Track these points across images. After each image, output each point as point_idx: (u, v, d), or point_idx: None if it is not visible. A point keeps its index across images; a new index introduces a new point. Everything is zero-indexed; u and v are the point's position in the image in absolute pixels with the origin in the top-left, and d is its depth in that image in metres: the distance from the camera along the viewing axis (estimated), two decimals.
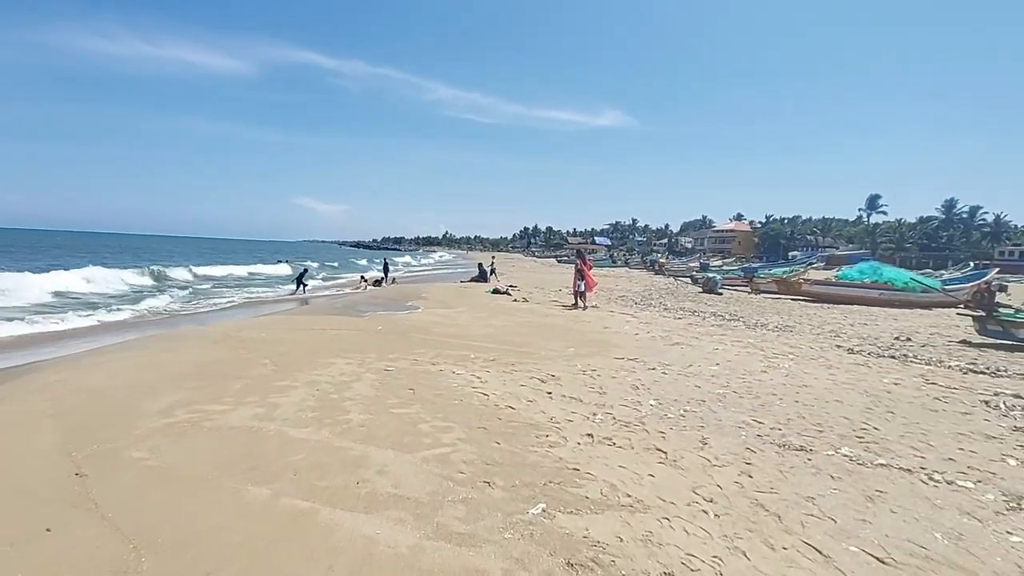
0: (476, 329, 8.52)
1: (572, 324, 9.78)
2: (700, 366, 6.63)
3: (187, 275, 22.28)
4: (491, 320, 9.66)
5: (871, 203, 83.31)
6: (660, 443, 3.90)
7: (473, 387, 5.01)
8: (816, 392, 5.66)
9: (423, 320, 9.39)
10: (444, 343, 7.17)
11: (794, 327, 11.19)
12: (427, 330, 8.19)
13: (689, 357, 7.17)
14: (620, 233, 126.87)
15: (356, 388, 4.67)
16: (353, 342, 6.99)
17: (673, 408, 4.80)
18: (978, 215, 69.84)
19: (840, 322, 12.28)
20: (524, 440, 3.75)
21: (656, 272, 38.77)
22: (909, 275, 18.77)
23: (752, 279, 22.18)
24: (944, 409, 5.26)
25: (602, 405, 4.74)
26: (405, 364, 5.76)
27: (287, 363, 5.53)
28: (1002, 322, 9.34)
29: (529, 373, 5.74)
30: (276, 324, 8.94)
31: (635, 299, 16.52)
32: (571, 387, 5.29)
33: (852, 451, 4.01)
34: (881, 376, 6.60)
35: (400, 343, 7.04)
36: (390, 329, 8.24)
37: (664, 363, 6.68)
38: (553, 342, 7.76)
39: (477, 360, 6.20)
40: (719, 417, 4.63)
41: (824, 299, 17.72)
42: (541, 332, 8.64)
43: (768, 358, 7.41)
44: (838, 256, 65.88)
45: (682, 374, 6.16)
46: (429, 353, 6.41)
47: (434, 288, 17.00)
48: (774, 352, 7.89)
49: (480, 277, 19.96)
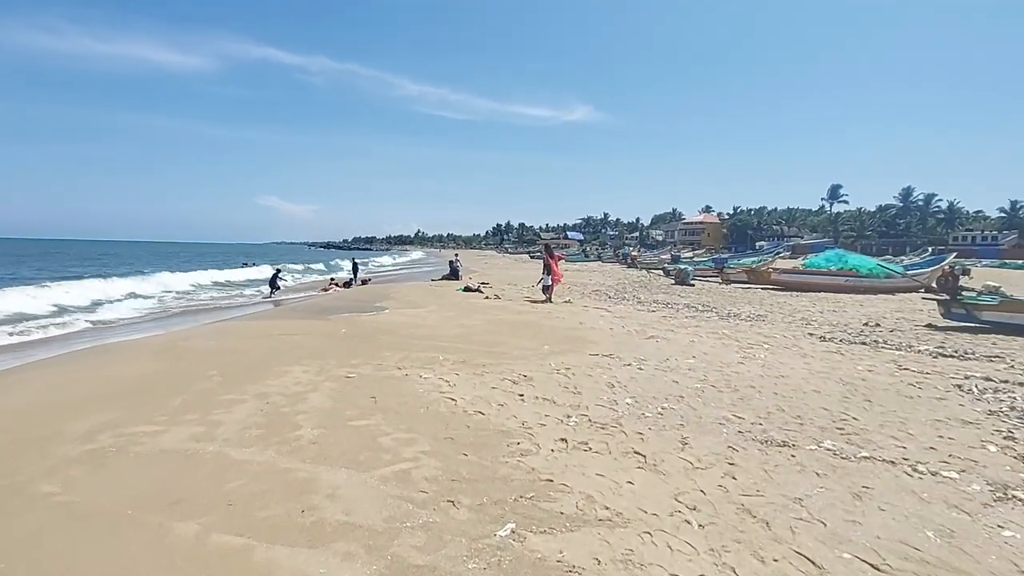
0: (446, 329, 8.18)
1: (545, 320, 9.54)
2: (677, 360, 6.47)
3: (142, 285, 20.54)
4: (462, 319, 9.32)
5: (833, 193, 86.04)
6: (639, 446, 3.68)
7: (441, 392, 4.69)
8: (793, 383, 5.56)
9: (391, 321, 8.97)
10: (412, 345, 6.81)
11: (766, 316, 11.23)
12: (394, 332, 7.79)
13: (665, 351, 7.02)
14: (592, 227, 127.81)
15: (312, 399, 4.29)
16: (314, 348, 6.56)
17: (651, 406, 4.60)
18: (933, 202, 73.01)
19: (810, 310, 12.42)
20: (494, 450, 3.46)
21: (629, 265, 39.02)
22: (873, 262, 19.27)
23: (723, 270, 22.43)
24: (919, 395, 5.22)
25: (577, 406, 4.49)
26: (368, 370, 5.38)
27: (236, 374, 5.08)
28: (965, 305, 9.55)
29: (501, 374, 5.45)
30: (231, 331, 8.39)
31: (609, 293, 16.44)
32: (544, 388, 5.03)
33: (835, 444, 3.87)
34: (855, 364, 6.57)
35: (364, 347, 6.64)
36: (355, 332, 7.81)
37: (640, 358, 6.50)
38: (526, 340, 7.50)
39: (446, 362, 5.88)
40: (699, 414, 4.45)
41: (793, 287, 18.02)
42: (514, 330, 8.36)
43: (744, 349, 7.32)
44: (803, 245, 67.87)
45: (659, 369, 5.98)
46: (395, 357, 6.05)
47: (404, 288, 16.49)
48: (749, 343, 7.82)
49: (452, 275, 19.56)
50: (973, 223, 74.72)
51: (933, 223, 72.79)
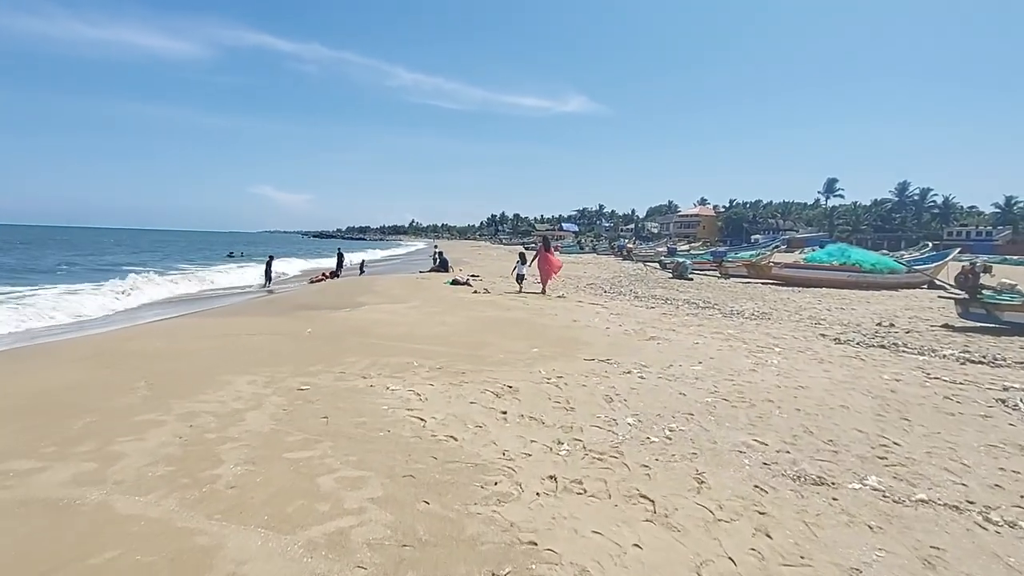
0: (425, 328, 7.42)
1: (537, 318, 8.82)
2: (681, 366, 5.78)
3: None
4: (445, 317, 8.57)
5: (829, 187, 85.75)
6: (645, 485, 2.97)
7: (408, 410, 3.95)
8: (816, 395, 4.88)
9: (365, 319, 8.18)
10: (384, 348, 6.05)
11: (771, 314, 10.59)
12: (367, 332, 7.02)
13: (668, 355, 6.32)
14: (587, 219, 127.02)
15: (249, 421, 3.54)
16: (271, 351, 5.78)
17: (656, 427, 3.89)
18: (928, 197, 72.82)
19: (816, 307, 11.79)
20: (464, 492, 2.74)
21: (624, 258, 38.38)
22: (876, 256, 18.69)
23: (721, 263, 21.80)
24: (960, 412, 4.56)
25: (569, 428, 3.78)
26: (327, 379, 4.63)
27: (168, 386, 4.29)
28: (986, 304, 8.93)
29: (482, 385, 4.72)
30: (183, 330, 7.55)
31: (604, 287, 15.74)
32: (532, 402, 4.31)
33: (881, 481, 3.19)
34: (879, 371, 5.91)
35: (329, 350, 5.88)
36: (322, 332, 7.02)
37: (640, 364, 5.79)
38: (514, 341, 6.77)
39: (420, 370, 5.13)
40: (713, 437, 3.75)
41: (794, 282, 17.43)
42: (501, 329, 7.63)
43: (753, 353, 6.64)
44: (798, 238, 67.65)
45: (662, 377, 5.28)
46: (362, 363, 5.29)
47: (388, 280, 15.63)
48: (758, 345, 7.14)
49: (440, 267, 18.78)
50: (967, 218, 74.65)
51: (928, 218, 72.67)
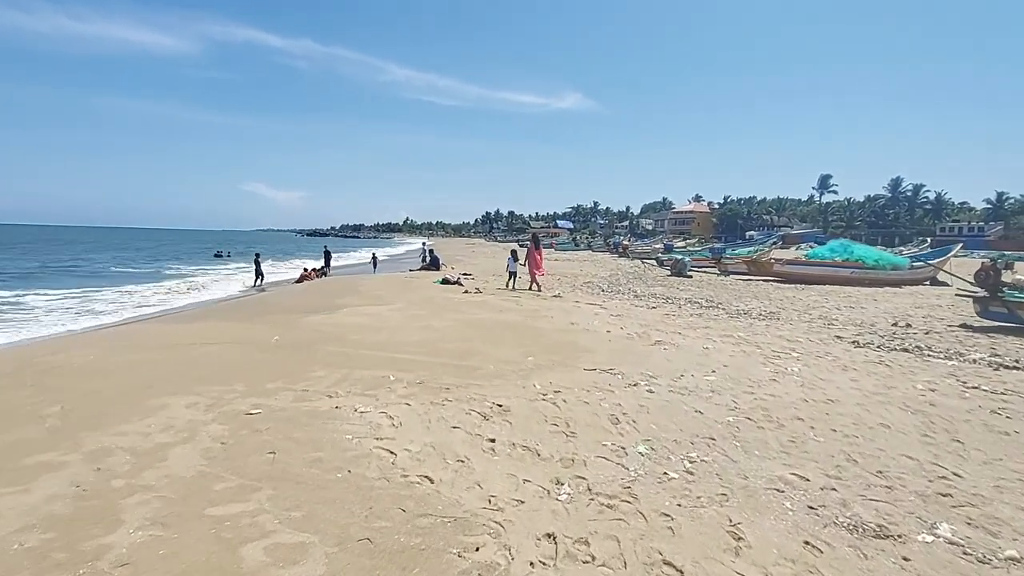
0: (408, 334, 6.74)
1: (531, 321, 8.16)
2: (693, 376, 5.16)
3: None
4: (431, 320, 7.89)
5: (823, 183, 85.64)
6: (668, 544, 2.34)
7: (378, 439, 3.30)
8: (849, 411, 4.28)
9: (343, 324, 7.45)
10: (359, 358, 5.37)
11: (779, 313, 10.01)
12: (342, 339, 6.32)
13: (677, 362, 5.70)
14: (582, 216, 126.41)
15: (173, 460, 2.86)
16: (225, 364, 5.05)
17: (674, 457, 3.27)
18: (921, 193, 72.79)
19: (824, 306, 11.23)
20: (436, 566, 2.09)
21: (620, 255, 37.83)
22: (878, 253, 18.22)
23: (720, 260, 21.26)
24: (1015, 430, 3.98)
25: (571, 461, 3.14)
26: (285, 400, 3.95)
27: (87, 412, 3.57)
28: (1008, 303, 8.39)
29: (468, 404, 4.07)
30: (128, 339, 6.73)
31: (602, 285, 15.13)
32: (526, 426, 3.67)
33: (955, 530, 2.58)
34: (910, 380, 5.32)
35: (294, 362, 5.18)
36: (291, 339, 6.30)
37: (648, 374, 5.17)
38: (506, 348, 6.12)
39: (397, 385, 4.47)
40: (743, 470, 3.13)
41: (796, 279, 16.91)
42: (492, 334, 6.97)
43: (770, 359, 6.04)
44: (793, 235, 67.36)
45: (674, 391, 4.65)
46: (330, 377, 4.61)
47: (374, 280, 14.82)
48: (773, 350, 6.54)
49: (431, 264, 18.07)
50: (959, 214, 74.74)
51: (921, 214, 72.67)
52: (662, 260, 25.24)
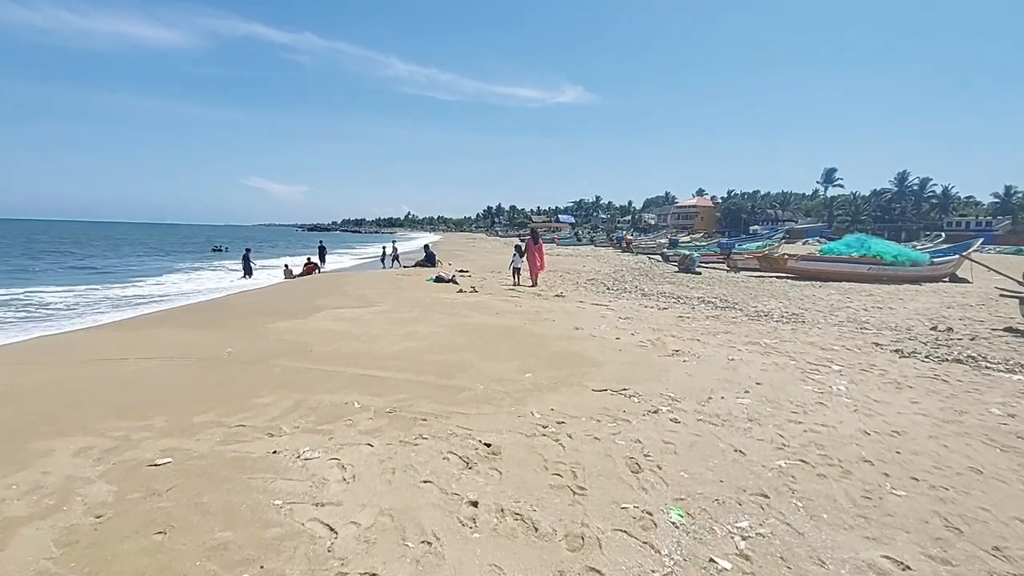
0: (389, 343, 5.86)
1: (531, 326, 7.29)
2: (724, 398, 4.29)
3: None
4: (418, 325, 7.01)
5: (827, 176, 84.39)
6: None
7: (317, 505, 2.43)
8: (922, 446, 3.43)
9: (315, 330, 6.55)
10: (322, 377, 4.50)
11: (802, 315, 9.13)
12: (309, 350, 5.43)
13: (701, 378, 4.83)
14: (584, 211, 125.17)
15: (9, 551, 2.01)
16: (153, 387, 4.11)
17: (719, 530, 2.41)
18: (928, 187, 71.52)
19: (849, 306, 10.35)
20: None
21: (624, 250, 36.98)
22: (897, 248, 17.28)
23: (729, 255, 20.36)
24: None
25: (579, 539, 2.29)
26: (209, 442, 3.09)
27: None
28: None
29: (447, 442, 3.22)
30: (49, 351, 5.72)
31: (606, 283, 14.25)
32: (519, 478, 2.81)
33: None
34: (980, 401, 4.46)
35: (242, 382, 4.29)
36: (247, 351, 5.38)
37: (669, 395, 4.31)
38: (500, 362, 5.25)
39: (362, 415, 3.60)
40: (814, 550, 2.27)
41: (810, 276, 16.04)
42: (486, 343, 6.10)
43: (808, 374, 5.17)
44: (798, 229, 66.31)
45: (703, 419, 3.79)
46: (279, 405, 3.74)
47: (361, 278, 13.85)
48: (809, 361, 5.68)
49: (427, 261, 17.18)
50: (966, 209, 73.48)
51: (927, 208, 71.44)
52: (668, 256, 24.37)
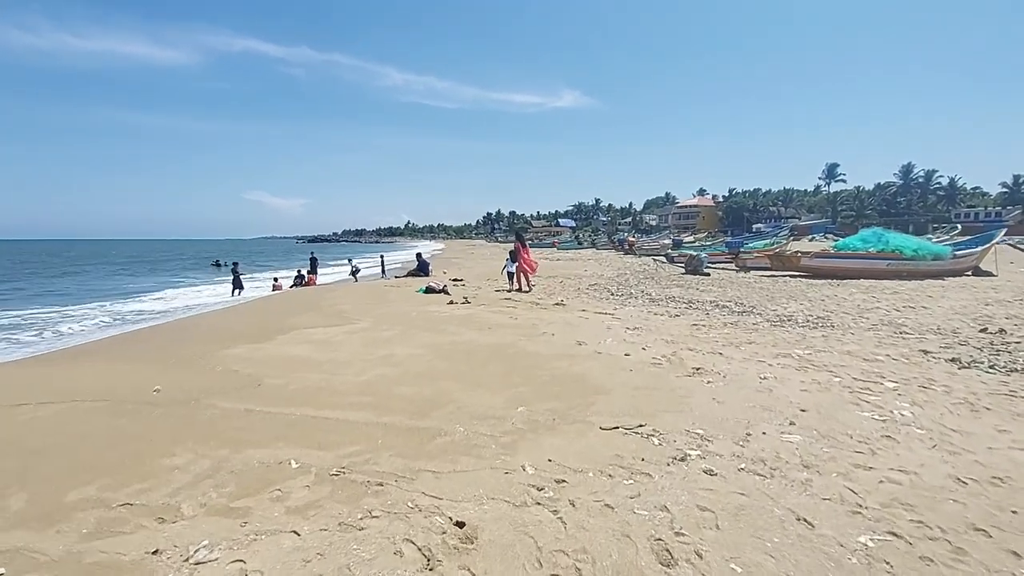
0: (357, 371, 4.98)
1: (526, 342, 6.42)
2: (767, 434, 3.42)
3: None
4: (396, 346, 6.13)
5: (830, 172, 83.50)
6: None
7: None
8: None
9: (272, 357, 5.59)
10: (262, 422, 3.62)
11: (829, 318, 8.24)
12: (254, 386, 4.47)
13: (731, 405, 3.96)
14: (584, 214, 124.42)
15: None
16: (35, 446, 3.06)
17: None
18: (934, 179, 70.48)
19: (878, 306, 9.44)
20: None
21: (626, 252, 36.06)
22: (916, 241, 16.37)
23: (738, 254, 19.47)
24: None
25: None
26: (72, 535, 2.22)
27: None
28: None
29: (404, 525, 2.35)
30: None
31: (610, 287, 13.37)
32: None
33: None
34: None
35: (156, 434, 3.36)
36: (180, 388, 4.37)
37: (697, 432, 3.43)
38: (487, 392, 4.38)
39: (297, 481, 2.74)
40: None
41: (825, 274, 15.13)
42: (472, 366, 5.23)
43: (858, 393, 4.29)
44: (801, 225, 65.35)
45: (747, 468, 2.92)
46: (192, 468, 2.88)
47: (346, 291, 12.83)
48: (853, 376, 4.80)
49: (419, 270, 16.33)
50: (973, 199, 72.33)
51: (934, 200, 70.34)
52: (672, 256, 23.49)
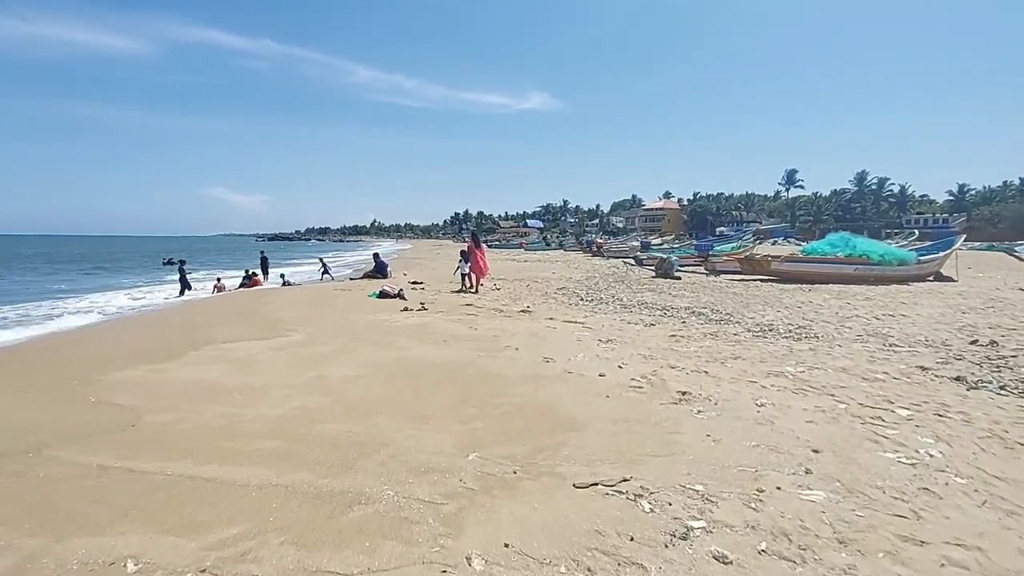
0: (273, 402, 4.00)
1: (486, 359, 5.57)
2: (781, 488, 2.69)
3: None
4: (330, 365, 5.16)
5: (789, 178, 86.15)
6: None
7: None
8: None
9: (172, 382, 4.56)
10: (113, 490, 2.62)
11: (810, 327, 7.76)
12: (127, 426, 3.41)
13: (732, 446, 3.23)
14: (552, 215, 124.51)
15: None
16: None
17: None
18: (886, 186, 73.63)
19: (856, 314, 9.06)
20: None
21: (594, 254, 35.74)
22: (882, 246, 16.45)
23: (707, 258, 19.21)
24: None
25: None
26: None
27: None
28: None
29: None
30: None
31: (579, 292, 12.67)
32: None
33: None
34: None
35: None
36: (21, 432, 3.42)
37: (696, 490, 2.68)
38: (432, 429, 3.52)
39: None
40: None
41: (795, 278, 14.96)
42: (418, 392, 4.34)
43: (871, 425, 3.65)
44: (763, 229, 67.01)
45: (769, 552, 2.16)
46: None
47: (289, 295, 11.45)
48: (858, 401, 4.18)
49: (377, 271, 15.24)
50: (921, 206, 75.99)
51: (886, 207, 73.47)
52: (641, 259, 23.11)
